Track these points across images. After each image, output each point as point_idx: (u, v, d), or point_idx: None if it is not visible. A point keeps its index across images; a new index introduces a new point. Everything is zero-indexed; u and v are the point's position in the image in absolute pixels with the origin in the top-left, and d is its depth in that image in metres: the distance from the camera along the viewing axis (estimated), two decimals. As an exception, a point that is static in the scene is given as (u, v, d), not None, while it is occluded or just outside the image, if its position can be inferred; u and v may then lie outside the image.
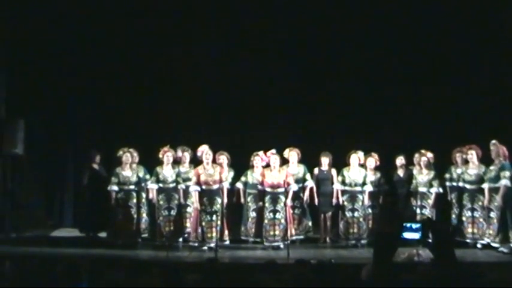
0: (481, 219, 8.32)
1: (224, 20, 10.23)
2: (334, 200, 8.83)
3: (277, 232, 8.43)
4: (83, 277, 3.61)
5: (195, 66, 10.30)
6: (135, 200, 8.80)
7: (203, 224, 8.31)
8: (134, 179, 8.79)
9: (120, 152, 8.85)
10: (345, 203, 8.75)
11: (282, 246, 8.32)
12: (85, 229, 9.16)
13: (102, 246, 8.54)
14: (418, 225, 2.45)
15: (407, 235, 2.46)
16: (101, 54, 10.30)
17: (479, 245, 8.32)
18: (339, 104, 10.33)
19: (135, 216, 8.76)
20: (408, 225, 2.46)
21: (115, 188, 8.73)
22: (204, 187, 8.35)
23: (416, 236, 2.45)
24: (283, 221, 8.37)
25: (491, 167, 8.23)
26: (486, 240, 8.24)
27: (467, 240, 8.37)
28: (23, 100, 10.08)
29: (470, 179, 8.42)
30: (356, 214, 8.70)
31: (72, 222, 10.43)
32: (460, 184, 8.53)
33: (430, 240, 2.50)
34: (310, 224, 9.05)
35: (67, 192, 10.76)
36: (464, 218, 8.46)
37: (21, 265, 4.54)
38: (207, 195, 8.35)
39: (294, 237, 8.64)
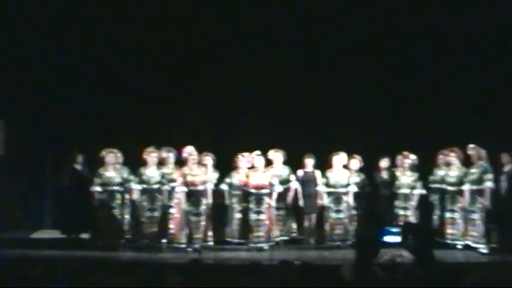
0: (459, 221, 8.42)
1: (208, 22, 10.20)
2: (318, 202, 8.85)
3: (261, 233, 8.42)
4: (62, 279, 3.56)
5: (179, 67, 10.26)
6: (118, 201, 8.73)
7: (189, 225, 8.26)
8: (118, 179, 8.72)
9: (104, 153, 8.78)
10: (330, 204, 8.77)
11: (266, 247, 8.32)
12: (67, 230, 9.05)
13: (84, 247, 8.45)
14: (398, 229, 2.48)
15: (388, 239, 2.49)
16: (83, 54, 10.20)
17: (459, 246, 8.41)
18: (322, 106, 10.35)
19: (118, 217, 8.69)
20: (389, 229, 2.50)
21: (98, 188, 8.67)
22: (190, 188, 8.30)
23: (397, 239, 2.48)
24: (267, 222, 8.37)
25: (473, 170, 8.37)
26: (467, 242, 8.33)
27: (447, 241, 8.46)
28: (3, 100, 9.95)
29: (451, 181, 8.53)
30: (340, 215, 8.73)
31: (52, 224, 10.32)
32: (443, 186, 8.63)
33: (410, 242, 2.53)
34: (294, 225, 9.06)
35: (47, 193, 10.64)
36: (444, 219, 8.56)
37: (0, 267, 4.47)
38: (193, 196, 8.32)
39: (278, 239, 8.65)
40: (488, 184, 8.15)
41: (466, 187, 8.34)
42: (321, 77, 10.33)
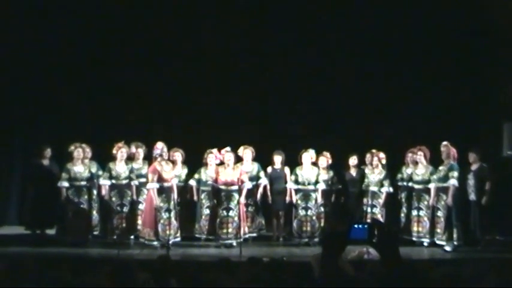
0: (426, 218, 8.58)
1: (177, 17, 10.15)
2: (287, 198, 8.89)
3: (230, 230, 8.43)
4: (27, 276, 3.50)
5: (149, 61, 10.19)
6: (86, 196, 8.64)
7: (161, 221, 8.22)
8: (86, 174, 8.63)
9: (72, 147, 8.68)
10: (298, 201, 8.82)
11: (234, 244, 8.33)
12: (31, 226, 8.89)
13: (50, 244, 8.33)
14: (365, 226, 2.52)
15: (354, 235, 2.53)
16: (53, 45, 10.05)
17: (425, 243, 8.56)
18: (291, 103, 10.39)
19: (86, 212, 8.59)
20: (356, 225, 2.53)
21: (65, 184, 8.55)
22: (162, 184, 8.25)
23: (363, 236, 2.51)
24: (236, 218, 8.38)
25: (440, 167, 8.50)
26: (432, 239, 8.49)
27: (413, 239, 8.61)
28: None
29: (417, 179, 8.67)
30: (309, 212, 8.79)
31: (17, 220, 10.13)
32: (410, 184, 8.77)
33: (375, 240, 2.57)
34: (263, 221, 9.10)
35: (12, 188, 10.43)
36: (411, 217, 8.70)
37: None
38: (165, 192, 8.28)
39: (246, 235, 8.67)
40: (452, 182, 8.30)
41: (432, 185, 8.49)
42: (291, 74, 10.37)
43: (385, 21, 10.05)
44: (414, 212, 8.68)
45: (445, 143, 8.49)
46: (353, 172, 9.07)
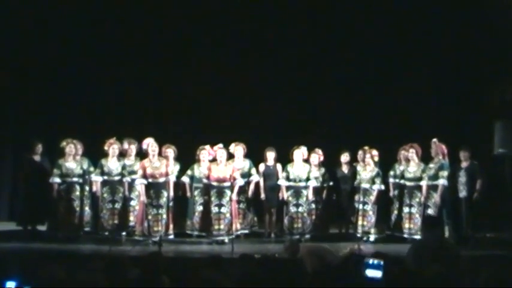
0: (417, 215, 8.63)
1: (169, 17, 10.13)
2: (279, 195, 8.90)
3: (222, 226, 8.43)
4: (13, 273, 3.47)
5: (141, 58, 10.17)
6: (78, 193, 8.61)
7: (149, 217, 8.22)
8: (78, 170, 8.61)
9: (64, 143, 8.64)
10: (290, 198, 8.83)
11: (226, 240, 8.34)
12: (23, 222, 8.86)
13: (41, 239, 8.30)
14: (380, 263, 2.28)
15: (369, 273, 2.28)
16: (46, 41, 10.00)
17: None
18: (284, 99, 10.41)
19: (78, 209, 8.57)
20: (370, 261, 2.30)
21: (57, 179, 8.53)
22: (150, 180, 8.26)
23: (378, 274, 2.27)
24: (228, 215, 8.39)
25: (431, 165, 8.58)
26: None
27: (405, 235, 8.65)
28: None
29: (409, 176, 8.72)
30: (300, 209, 8.80)
31: (8, 216, 10.08)
32: (402, 181, 8.81)
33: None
34: (255, 218, 9.10)
35: (4, 184, 10.38)
36: (402, 214, 8.75)
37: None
38: (154, 188, 8.27)
39: (238, 232, 8.67)
40: (441, 181, 8.39)
41: (424, 182, 8.55)
42: (283, 72, 10.38)
43: (378, 20, 10.08)
44: (406, 209, 8.73)
45: (434, 140, 8.56)
46: (345, 169, 9.09)
